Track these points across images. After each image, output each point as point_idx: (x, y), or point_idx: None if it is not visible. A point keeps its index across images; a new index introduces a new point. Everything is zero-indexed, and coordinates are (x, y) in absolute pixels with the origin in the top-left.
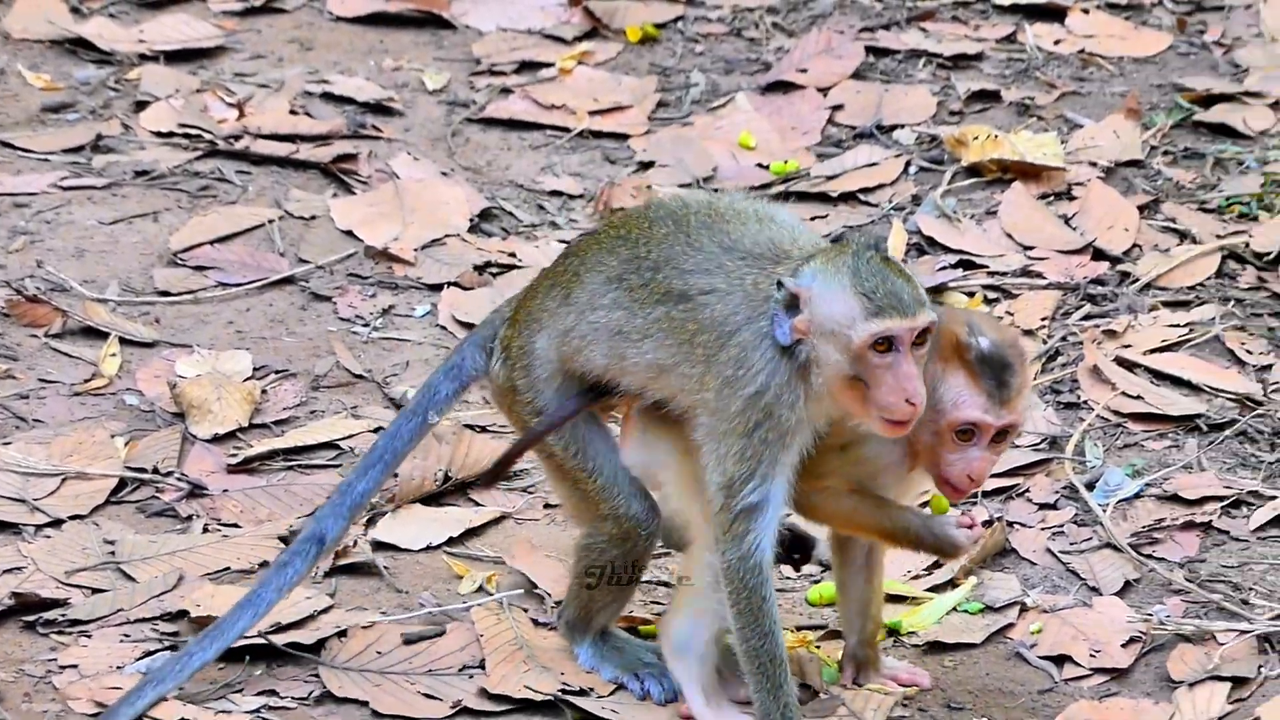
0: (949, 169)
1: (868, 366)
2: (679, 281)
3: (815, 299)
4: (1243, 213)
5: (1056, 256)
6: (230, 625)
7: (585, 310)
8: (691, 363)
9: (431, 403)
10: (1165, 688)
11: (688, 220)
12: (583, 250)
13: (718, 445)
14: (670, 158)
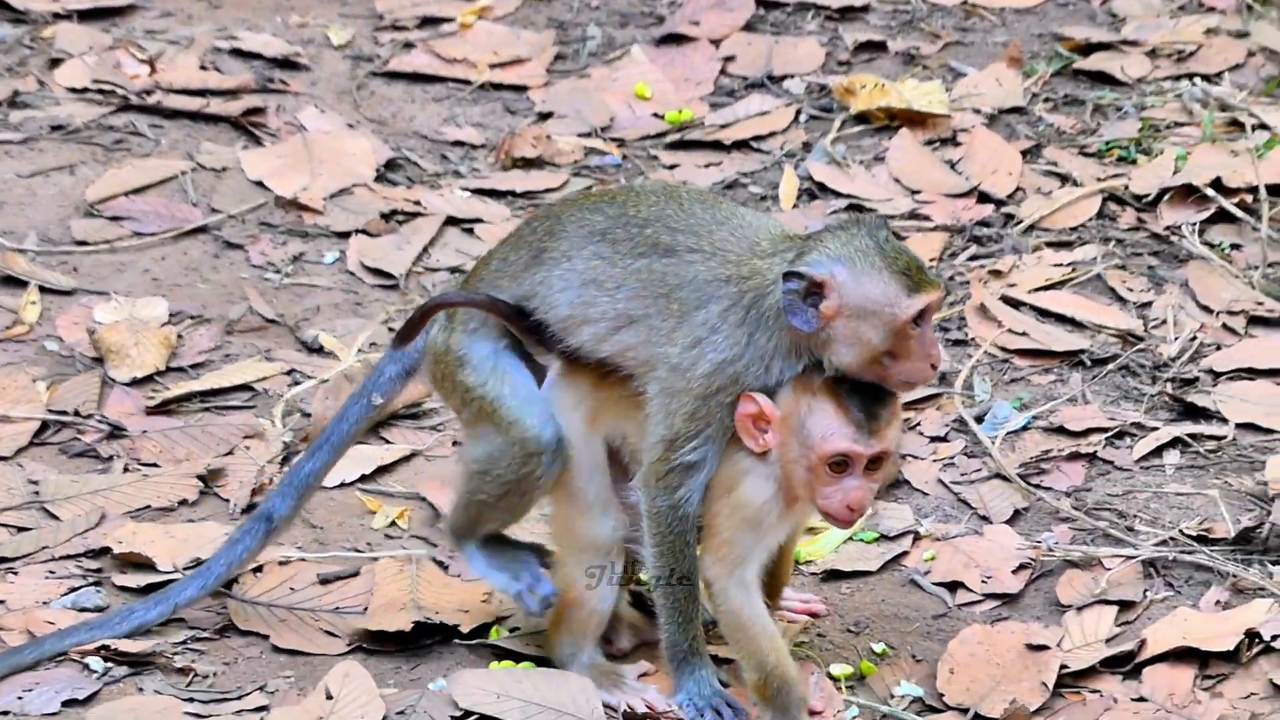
0: (838, 117)
1: (903, 339)
2: (667, 237)
3: (846, 283)
4: (1122, 156)
5: (943, 200)
6: (178, 592)
7: (559, 262)
8: (664, 316)
9: (376, 386)
10: (1054, 612)
11: (679, 193)
12: (558, 213)
13: (669, 401)
14: (569, 108)
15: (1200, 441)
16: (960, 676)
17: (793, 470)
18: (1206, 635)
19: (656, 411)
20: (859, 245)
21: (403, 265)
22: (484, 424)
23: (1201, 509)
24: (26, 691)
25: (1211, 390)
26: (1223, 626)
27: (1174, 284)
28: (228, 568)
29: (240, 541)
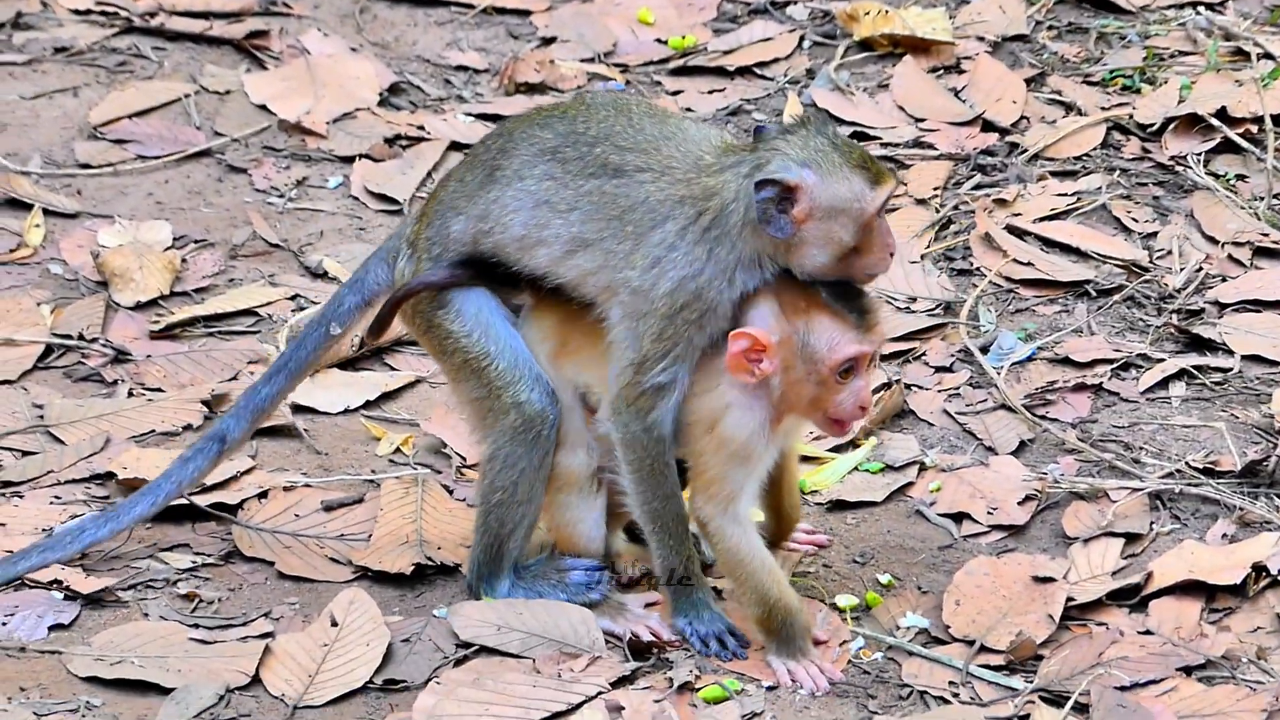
0: (841, 43)
1: (867, 233)
2: (616, 157)
3: (815, 185)
4: (1126, 85)
5: (947, 128)
6: (127, 510)
7: (511, 181)
8: (619, 239)
9: (335, 314)
10: (1060, 544)
11: (629, 108)
12: (510, 130)
13: (635, 324)
14: (572, 33)
15: (1206, 373)
16: (966, 608)
17: (798, 390)
18: (1213, 568)
19: (622, 336)
20: (817, 145)
21: (406, 190)
22: (466, 380)
23: (1208, 441)
24: (9, 616)
25: (1217, 322)
26: (1229, 559)
27: (1179, 214)
28: (178, 485)
29: (191, 460)
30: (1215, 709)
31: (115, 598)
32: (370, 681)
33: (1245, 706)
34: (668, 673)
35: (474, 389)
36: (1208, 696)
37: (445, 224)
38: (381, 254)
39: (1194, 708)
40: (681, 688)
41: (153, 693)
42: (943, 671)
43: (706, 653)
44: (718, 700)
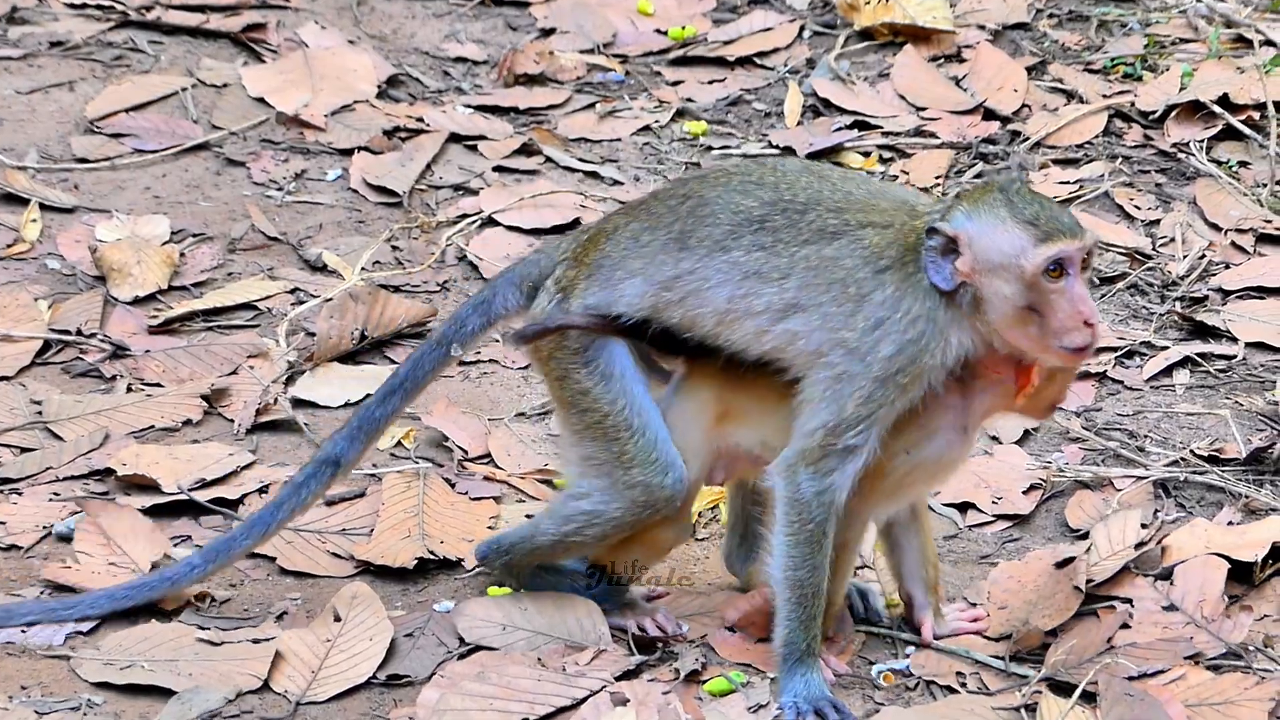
0: (842, 33)
1: (1042, 294)
2: (833, 219)
3: (976, 237)
4: (1127, 73)
5: (948, 117)
6: (240, 540)
7: (713, 253)
8: (840, 301)
9: (457, 335)
10: (1065, 533)
11: (825, 172)
12: (701, 193)
13: (842, 385)
14: (571, 24)
15: (1210, 361)
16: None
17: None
18: (1230, 545)
19: (821, 397)
20: (989, 199)
21: (405, 182)
22: (593, 440)
23: (1212, 429)
24: (29, 625)
25: (1221, 309)
26: (1244, 539)
27: (1182, 201)
28: (291, 513)
29: (305, 485)
30: (1223, 697)
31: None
32: (374, 677)
33: (1253, 695)
34: (674, 665)
35: (598, 451)
36: (1215, 685)
37: (615, 283)
38: (513, 278)
39: (1201, 696)
40: (687, 680)
41: (162, 695)
42: (949, 661)
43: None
44: (724, 693)
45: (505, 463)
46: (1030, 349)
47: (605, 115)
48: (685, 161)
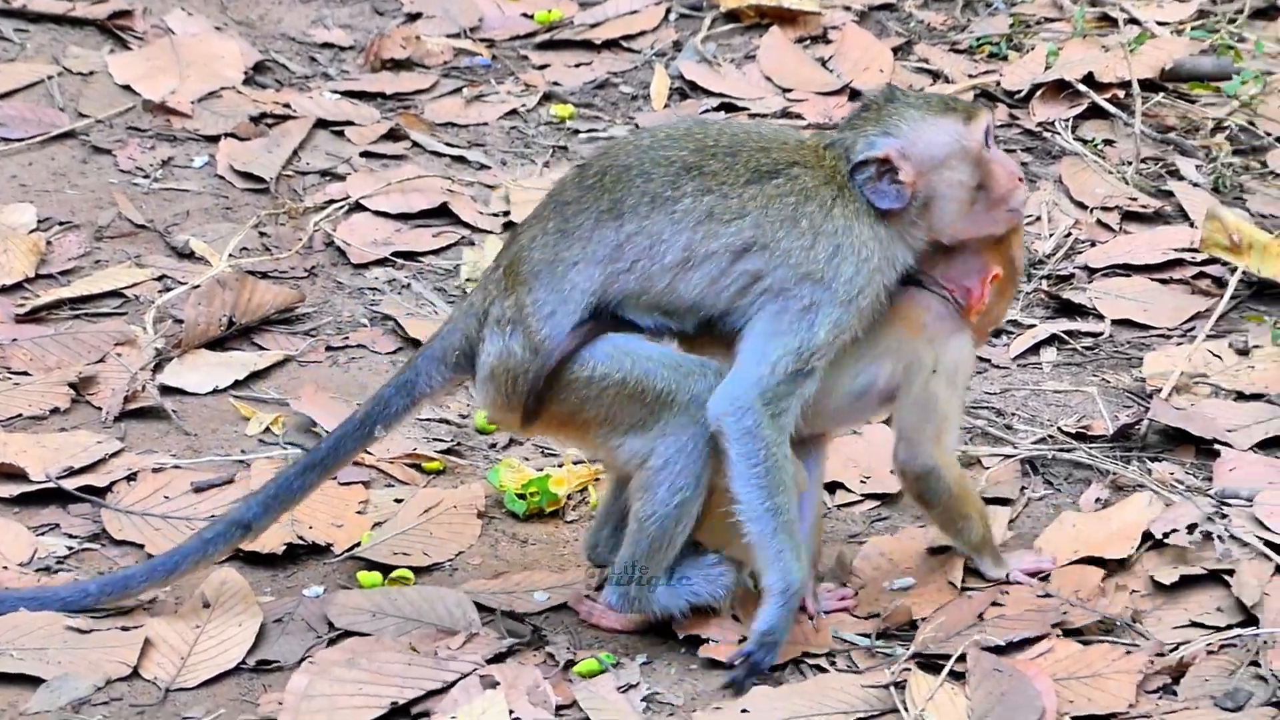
0: (708, 15)
1: (984, 167)
2: (764, 158)
3: (909, 146)
4: (993, 53)
5: (815, 98)
6: (138, 579)
7: (654, 210)
8: (797, 234)
9: (381, 417)
10: None
11: (720, 122)
12: (609, 167)
13: (813, 314)
14: (437, 9)
15: (1077, 339)
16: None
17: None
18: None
19: (787, 328)
20: (896, 111)
21: (273, 168)
22: (628, 409)
23: (1079, 406)
24: None
25: (1087, 287)
26: (1111, 527)
27: (1048, 180)
28: (195, 565)
29: (211, 542)
30: (1091, 670)
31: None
32: (243, 662)
33: (1120, 667)
34: (545, 648)
35: (636, 413)
36: (1083, 657)
37: (558, 280)
38: (435, 354)
39: (1069, 669)
40: (558, 662)
41: (31, 684)
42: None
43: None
44: (593, 674)
45: (374, 448)
46: (981, 226)
47: (472, 100)
48: (552, 145)
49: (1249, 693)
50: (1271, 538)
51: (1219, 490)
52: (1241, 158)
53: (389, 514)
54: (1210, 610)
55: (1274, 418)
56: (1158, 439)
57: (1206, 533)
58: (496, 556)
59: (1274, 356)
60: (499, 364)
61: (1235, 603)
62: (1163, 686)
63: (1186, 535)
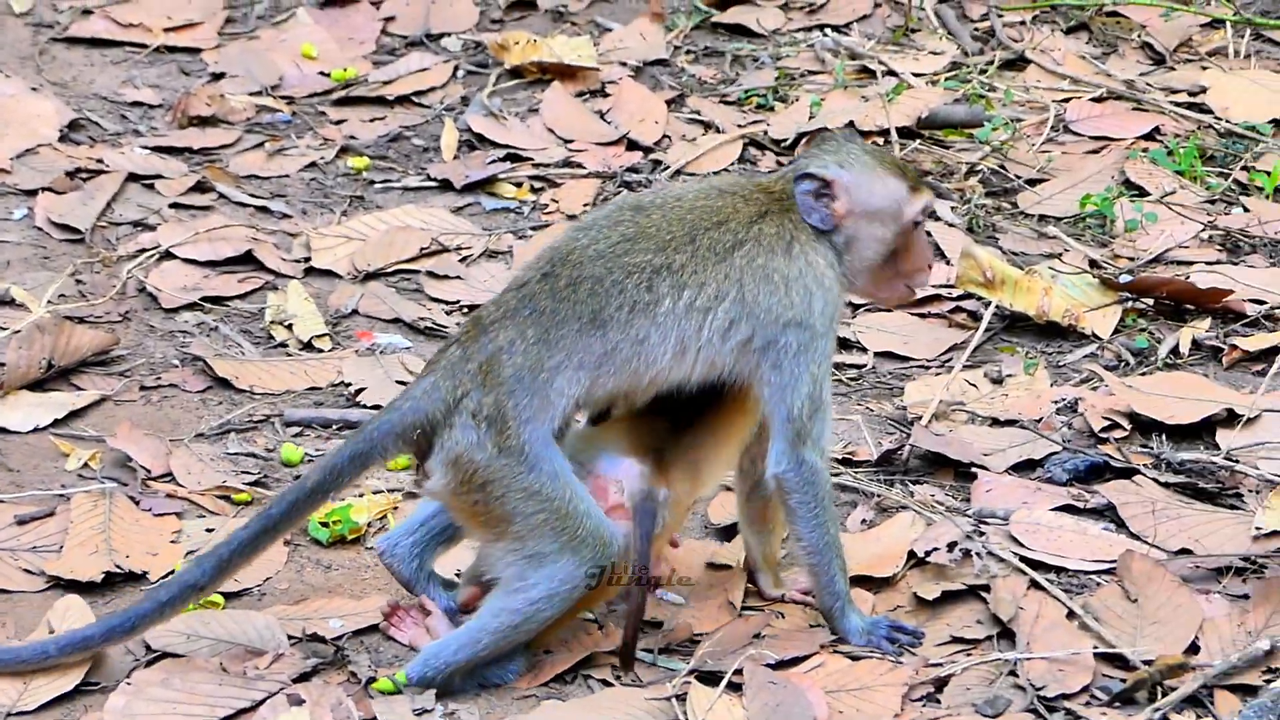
0: (493, 72)
1: (906, 239)
2: (724, 234)
3: (852, 184)
4: (760, 104)
5: (594, 148)
6: (95, 638)
7: (639, 312)
8: (771, 289)
9: (332, 485)
10: (711, 534)
11: (659, 198)
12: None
13: (804, 355)
14: (240, 69)
15: (843, 370)
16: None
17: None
18: (868, 561)
19: (792, 376)
20: (852, 150)
21: (88, 220)
22: (543, 537)
23: (845, 433)
24: None
25: (851, 321)
26: (878, 547)
27: None
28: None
29: (168, 604)
30: (860, 683)
31: None
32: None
33: (887, 680)
34: (348, 667)
35: (547, 543)
36: (853, 671)
37: (540, 387)
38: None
39: (840, 682)
40: (359, 681)
41: None
42: (604, 656)
43: (896, 652)
44: (389, 692)
45: (186, 480)
46: (877, 289)
47: (274, 153)
48: (349, 195)
49: (1008, 700)
50: (1026, 554)
51: (977, 510)
52: (993, 199)
53: (200, 543)
54: (970, 623)
55: (1027, 442)
56: (919, 463)
57: (965, 550)
58: (302, 581)
59: (1026, 385)
60: (465, 454)
61: (993, 616)
62: (927, 696)
63: (947, 553)
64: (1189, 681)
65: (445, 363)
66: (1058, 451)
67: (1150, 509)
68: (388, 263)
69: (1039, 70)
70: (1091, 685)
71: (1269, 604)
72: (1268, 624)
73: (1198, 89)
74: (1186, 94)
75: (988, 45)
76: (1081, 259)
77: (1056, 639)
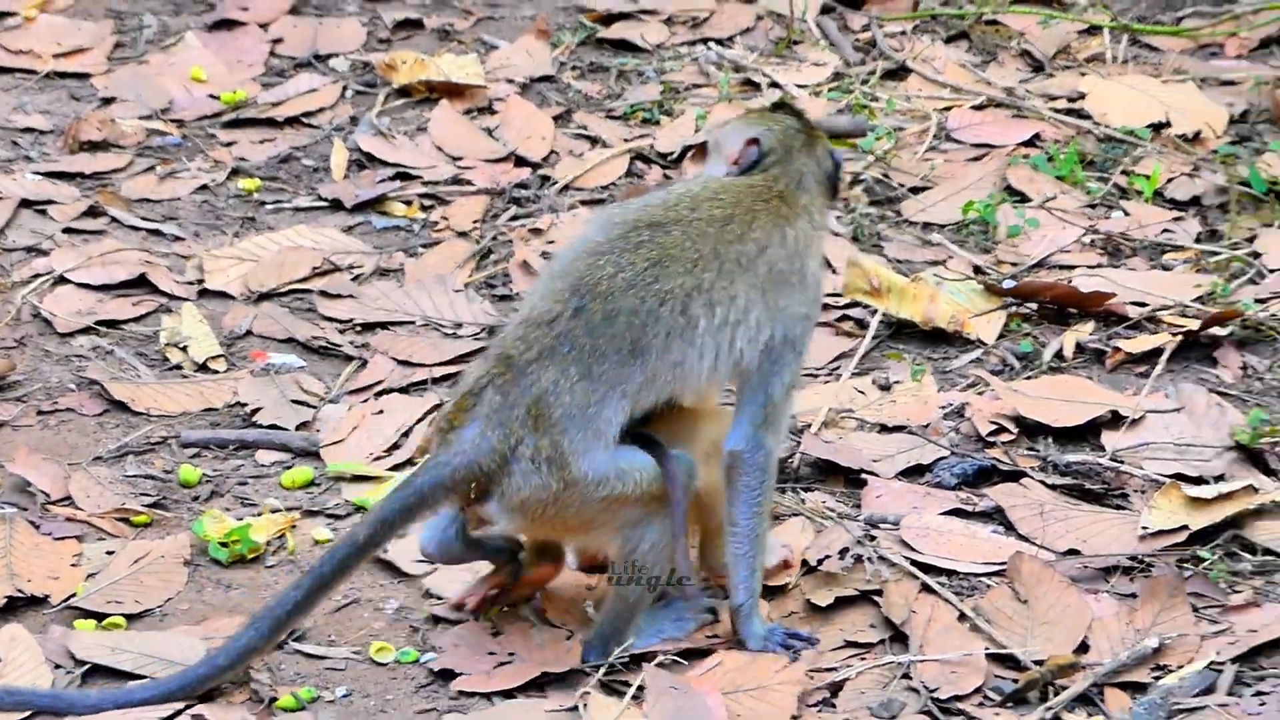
0: (382, 91)
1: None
2: (744, 246)
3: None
4: (646, 118)
5: (483, 165)
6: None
7: (676, 336)
8: (792, 290)
9: (384, 538)
10: None
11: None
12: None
13: (801, 341)
14: (130, 93)
15: None
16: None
17: None
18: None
19: (779, 364)
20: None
21: None
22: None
23: None
24: None
25: None
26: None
27: None
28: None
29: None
30: (756, 683)
31: None
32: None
33: (784, 678)
34: (250, 685)
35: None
36: (749, 671)
37: (590, 421)
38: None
39: (737, 682)
40: (262, 699)
41: None
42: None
43: (795, 656)
44: (293, 710)
45: (85, 504)
46: None
47: (165, 176)
48: (241, 216)
49: (902, 703)
50: (917, 558)
51: (867, 516)
52: (878, 208)
53: (101, 565)
54: (864, 628)
55: (915, 447)
56: (810, 470)
57: (857, 556)
58: (203, 601)
59: (913, 391)
60: (531, 497)
61: (885, 620)
62: (822, 700)
63: (839, 559)
64: (1080, 680)
65: (485, 409)
66: (946, 456)
67: (1038, 511)
68: (280, 283)
69: (920, 79)
70: (984, 686)
71: (1156, 602)
72: (1155, 622)
73: (1076, 95)
74: (1065, 100)
75: (869, 56)
76: (966, 265)
77: (949, 641)
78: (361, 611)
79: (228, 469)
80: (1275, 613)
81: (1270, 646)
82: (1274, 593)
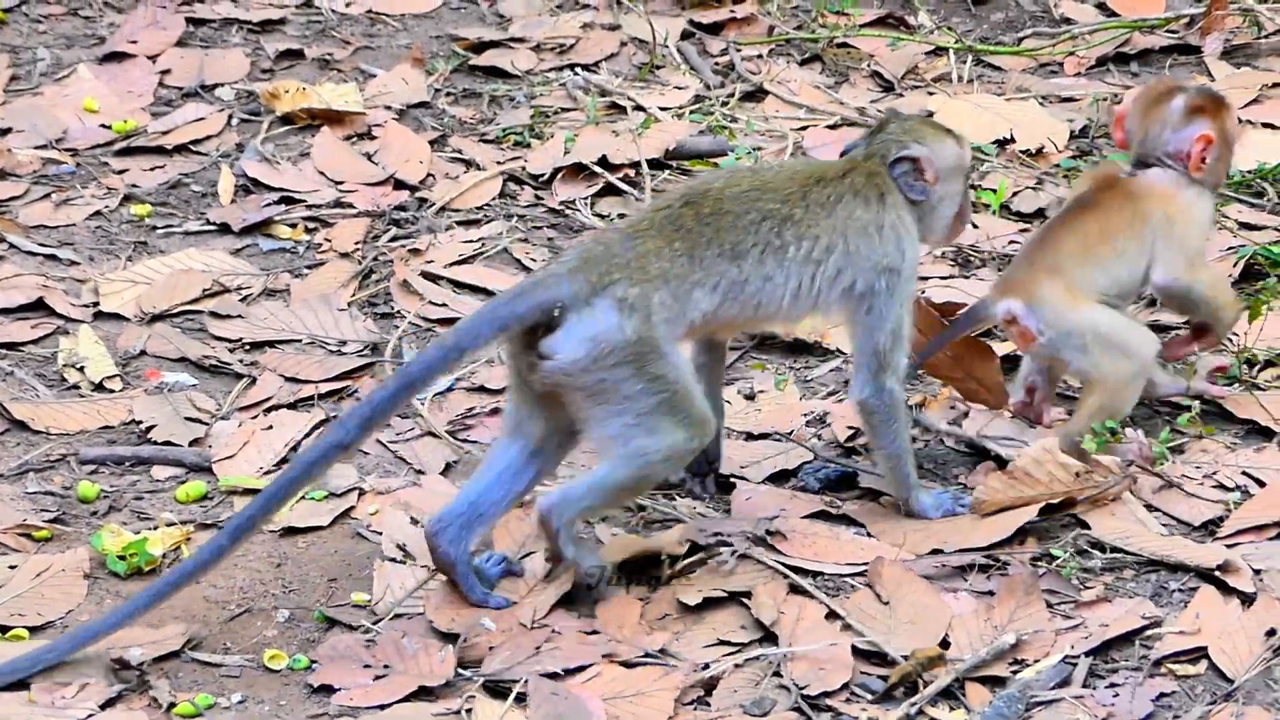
0: (266, 119)
1: (967, 184)
2: (825, 190)
3: (933, 154)
4: (518, 141)
5: (364, 189)
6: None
7: (770, 253)
8: (870, 241)
9: (470, 344)
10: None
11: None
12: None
13: (896, 297)
14: (25, 123)
15: None
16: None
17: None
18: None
19: (879, 317)
20: (920, 126)
21: None
22: (665, 415)
23: None
24: None
25: None
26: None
27: None
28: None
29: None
30: (636, 690)
31: None
32: None
33: (662, 685)
34: (150, 692)
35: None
36: (629, 678)
37: (682, 294)
38: (536, 301)
39: (617, 690)
40: (161, 705)
41: None
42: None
43: (964, 511)
44: (191, 716)
45: None
46: (951, 235)
47: (60, 204)
48: (134, 241)
49: (773, 700)
50: (785, 560)
51: (737, 519)
52: None
53: (4, 579)
54: (735, 628)
55: (780, 453)
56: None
57: (729, 556)
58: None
59: (777, 399)
60: (604, 334)
61: (756, 621)
62: (697, 699)
63: (710, 561)
64: (942, 675)
65: (583, 253)
66: (810, 461)
67: (897, 514)
68: (172, 304)
69: (777, 101)
70: (851, 682)
71: (1012, 599)
72: (1012, 618)
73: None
74: None
75: (728, 79)
76: None
77: (817, 639)
78: (255, 620)
79: (124, 485)
80: (1125, 607)
81: (1121, 640)
82: (1123, 588)
